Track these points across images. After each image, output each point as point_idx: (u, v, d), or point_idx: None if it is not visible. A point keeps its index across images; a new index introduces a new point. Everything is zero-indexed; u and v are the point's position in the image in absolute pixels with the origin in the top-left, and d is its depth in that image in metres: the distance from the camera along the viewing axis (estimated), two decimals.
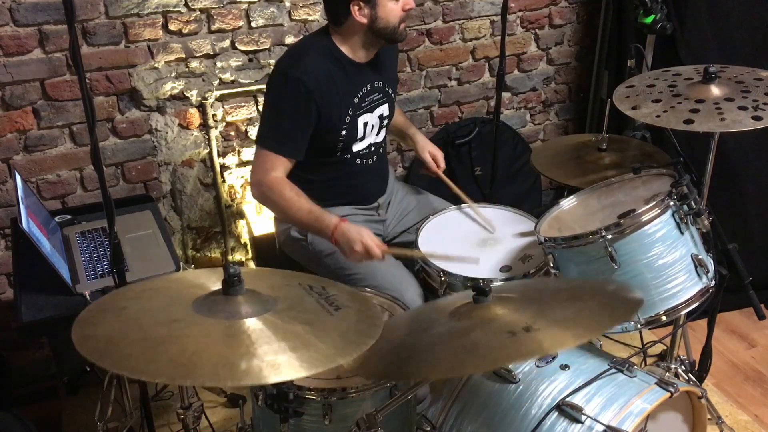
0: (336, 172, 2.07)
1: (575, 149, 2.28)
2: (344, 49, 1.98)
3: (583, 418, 1.37)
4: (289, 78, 1.91)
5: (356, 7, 1.89)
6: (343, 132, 2.01)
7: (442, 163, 2.28)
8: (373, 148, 2.13)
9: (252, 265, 2.78)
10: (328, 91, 1.93)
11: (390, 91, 2.13)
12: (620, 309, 1.26)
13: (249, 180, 2.07)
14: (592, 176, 2.05)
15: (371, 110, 2.07)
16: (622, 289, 1.41)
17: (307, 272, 1.74)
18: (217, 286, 1.30)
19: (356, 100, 2.01)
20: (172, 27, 2.43)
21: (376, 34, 1.94)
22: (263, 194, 1.97)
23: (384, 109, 2.12)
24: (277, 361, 1.09)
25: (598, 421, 1.36)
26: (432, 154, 2.27)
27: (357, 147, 2.07)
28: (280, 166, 1.95)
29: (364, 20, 1.91)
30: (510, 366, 1.53)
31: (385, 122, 2.14)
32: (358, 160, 2.10)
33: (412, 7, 1.96)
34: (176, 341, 1.13)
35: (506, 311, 1.28)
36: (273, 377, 1.07)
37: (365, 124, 2.06)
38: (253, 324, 1.18)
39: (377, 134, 2.13)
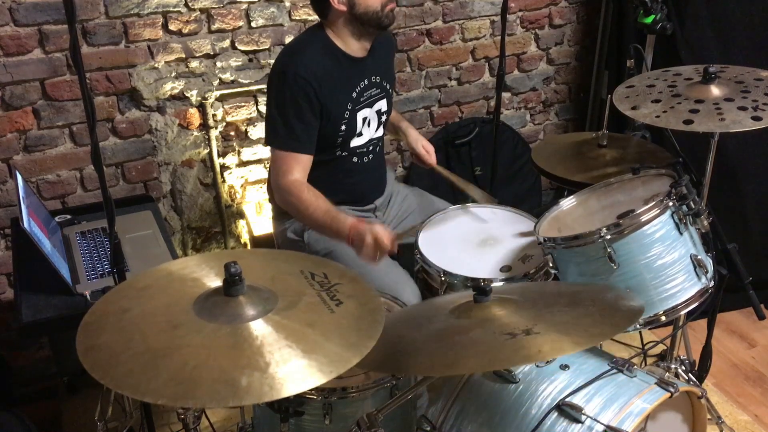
0: (331, 170, 2.06)
1: (576, 146, 2.28)
2: (338, 43, 1.98)
3: (583, 418, 1.37)
4: (288, 75, 1.90)
5: None
6: (343, 127, 2.00)
7: (434, 158, 2.28)
8: (371, 146, 2.13)
9: None
10: (327, 85, 1.93)
11: (388, 86, 2.14)
12: (621, 316, 1.25)
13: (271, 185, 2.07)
14: (594, 173, 2.06)
15: (370, 105, 2.07)
16: (623, 297, 1.41)
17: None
18: (215, 278, 1.31)
19: (354, 94, 2.01)
20: (172, 27, 2.43)
21: (360, 20, 1.92)
22: (282, 198, 1.97)
23: (382, 105, 2.12)
24: (287, 371, 1.10)
25: (598, 421, 1.36)
26: (425, 147, 2.27)
27: (355, 143, 2.07)
28: (296, 166, 1.93)
29: (343, 7, 1.90)
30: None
31: (384, 118, 2.15)
32: (355, 158, 2.10)
33: None
34: (178, 352, 1.13)
35: (506, 312, 1.28)
36: (283, 390, 1.07)
37: (364, 120, 2.06)
38: (256, 329, 1.18)
39: (376, 130, 2.13)
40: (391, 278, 1.95)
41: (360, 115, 2.04)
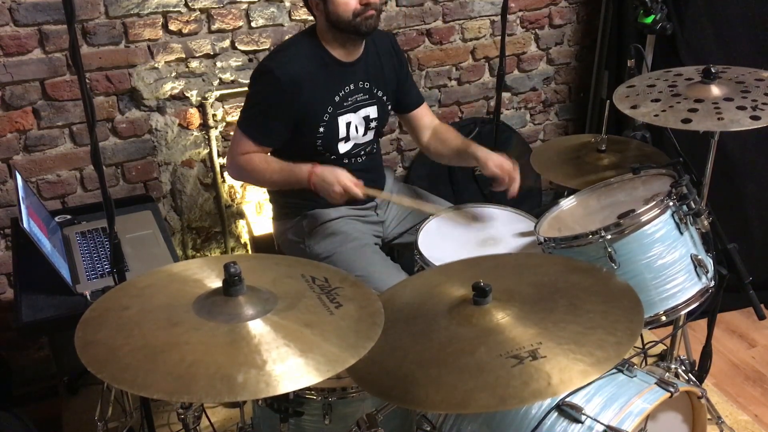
0: None
1: (575, 150, 2.27)
2: (328, 47, 1.99)
3: (583, 418, 1.36)
4: (264, 70, 1.96)
5: (314, 1, 1.94)
6: (321, 129, 2.00)
7: (516, 174, 2.02)
8: (361, 150, 2.12)
9: None
10: (307, 87, 1.94)
11: (380, 94, 2.11)
12: (623, 330, 1.25)
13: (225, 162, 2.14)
14: (591, 177, 2.05)
15: (354, 110, 2.06)
16: (617, 287, 1.40)
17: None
18: (216, 280, 1.31)
19: (337, 98, 2.01)
20: (172, 27, 2.43)
21: (336, 27, 1.94)
22: (238, 172, 2.07)
23: (371, 111, 2.10)
24: (284, 369, 1.10)
25: (598, 421, 1.36)
26: (497, 165, 2.02)
27: (343, 148, 2.07)
28: (251, 151, 2.00)
29: (320, 14, 1.94)
30: None
31: (373, 125, 2.12)
32: (346, 160, 2.10)
33: (369, 0, 1.90)
34: (176, 348, 1.13)
35: (509, 320, 1.26)
36: (279, 387, 1.08)
37: (348, 124, 2.05)
38: (254, 328, 1.19)
39: (363, 135, 2.11)
40: (390, 280, 1.95)
41: (342, 120, 2.04)
